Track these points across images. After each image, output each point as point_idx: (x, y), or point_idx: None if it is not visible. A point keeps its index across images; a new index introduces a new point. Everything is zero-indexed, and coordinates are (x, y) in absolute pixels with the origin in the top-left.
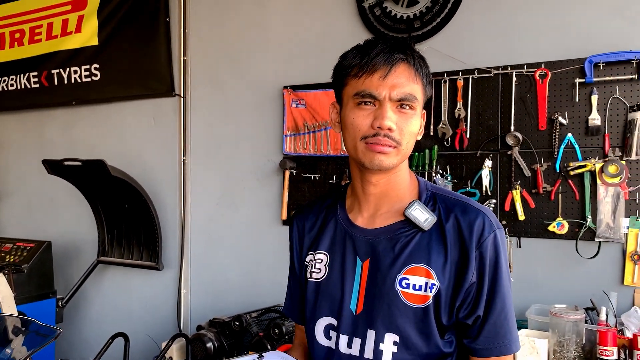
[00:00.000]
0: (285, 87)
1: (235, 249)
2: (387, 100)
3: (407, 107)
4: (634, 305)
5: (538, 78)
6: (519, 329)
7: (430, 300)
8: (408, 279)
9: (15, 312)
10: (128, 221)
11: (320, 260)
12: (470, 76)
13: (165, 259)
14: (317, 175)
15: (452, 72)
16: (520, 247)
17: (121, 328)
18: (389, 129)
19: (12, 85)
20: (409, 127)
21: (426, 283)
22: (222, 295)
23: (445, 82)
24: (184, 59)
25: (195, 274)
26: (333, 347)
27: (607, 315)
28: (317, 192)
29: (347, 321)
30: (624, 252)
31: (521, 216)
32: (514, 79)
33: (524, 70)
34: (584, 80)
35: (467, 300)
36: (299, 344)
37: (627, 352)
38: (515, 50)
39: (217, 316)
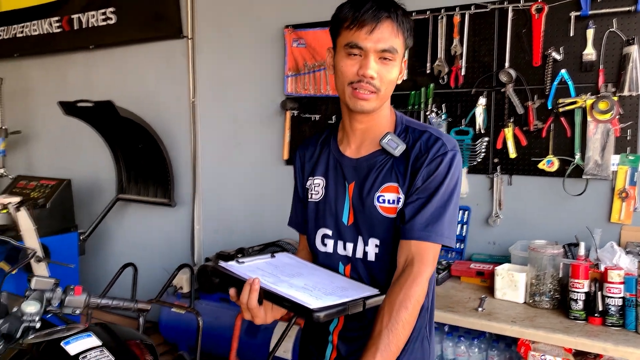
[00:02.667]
0: (287, 27)
1: (241, 187)
2: (371, 51)
3: (388, 59)
4: (619, 241)
5: (534, 12)
6: (501, 263)
7: (399, 209)
8: (384, 196)
9: (37, 244)
10: (143, 160)
11: (318, 184)
12: (467, 12)
13: (179, 196)
14: (317, 116)
15: (449, 8)
16: (510, 184)
17: (140, 260)
18: (371, 77)
19: (34, 30)
20: (389, 75)
21: (397, 198)
22: (231, 230)
23: (441, 18)
24: (191, 1)
25: (206, 211)
26: (330, 251)
27: (588, 250)
28: (318, 132)
29: (341, 230)
30: (612, 190)
31: (512, 154)
32: (510, 14)
33: (520, 4)
34: (579, 13)
35: (411, 197)
36: (302, 248)
37: (597, 285)
38: None
39: (224, 249)
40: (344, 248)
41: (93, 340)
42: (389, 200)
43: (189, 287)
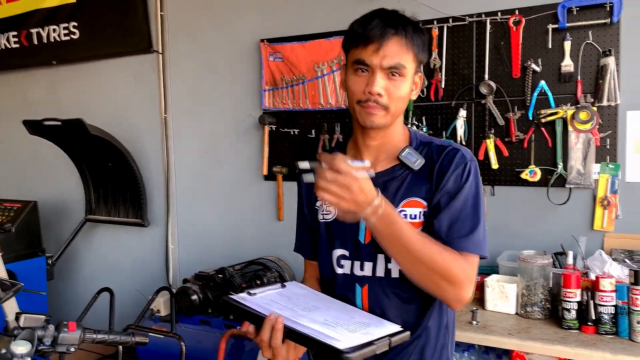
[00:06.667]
0: (262, 40)
1: (219, 204)
2: (377, 68)
3: (397, 75)
4: (603, 249)
5: (512, 25)
6: (488, 274)
7: (424, 223)
8: (405, 211)
9: (4, 270)
10: (113, 179)
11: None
12: (445, 25)
13: (152, 215)
14: (296, 130)
15: (427, 21)
16: (494, 195)
17: (112, 283)
18: (379, 94)
19: None
20: (398, 91)
21: (420, 212)
22: (208, 249)
23: None
24: (161, 14)
25: (181, 230)
26: (348, 272)
27: (574, 259)
28: (297, 147)
29: (358, 250)
30: (594, 198)
31: (495, 165)
32: (489, 27)
33: (498, 17)
34: (557, 26)
35: (442, 198)
36: (310, 277)
37: (589, 294)
38: None
39: (203, 270)
40: (361, 268)
41: None
42: (411, 216)
43: (167, 310)
